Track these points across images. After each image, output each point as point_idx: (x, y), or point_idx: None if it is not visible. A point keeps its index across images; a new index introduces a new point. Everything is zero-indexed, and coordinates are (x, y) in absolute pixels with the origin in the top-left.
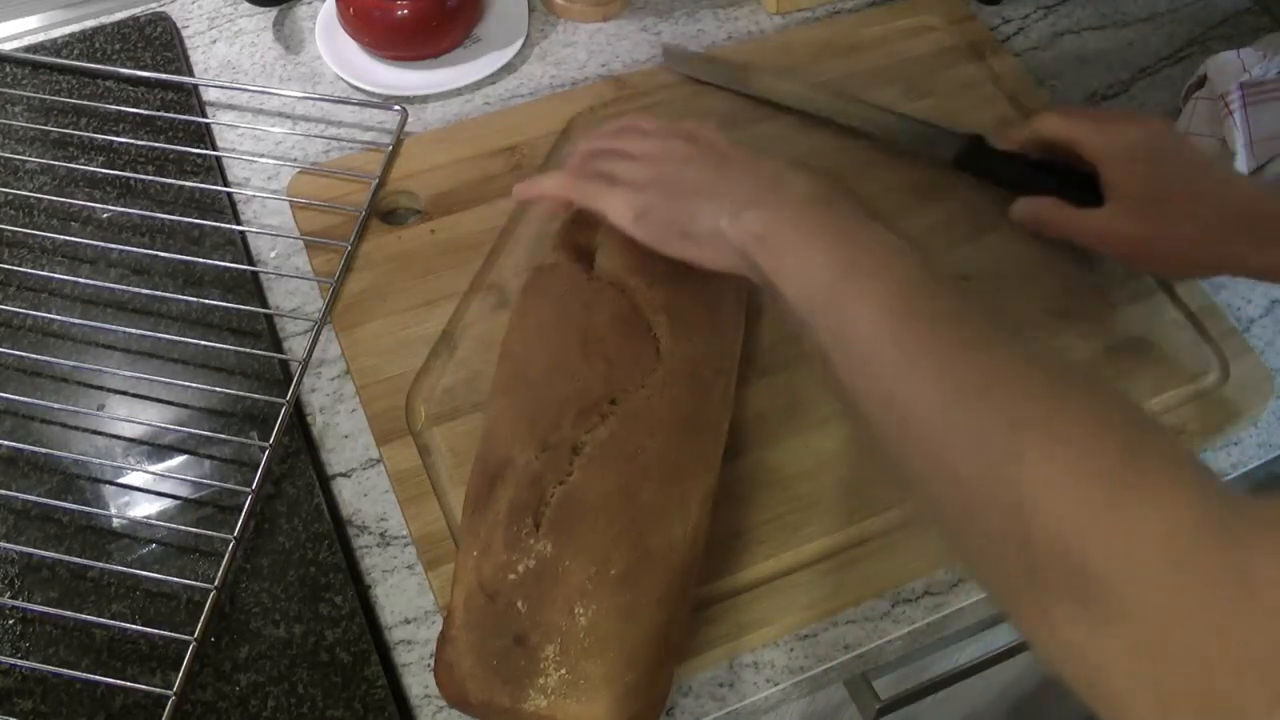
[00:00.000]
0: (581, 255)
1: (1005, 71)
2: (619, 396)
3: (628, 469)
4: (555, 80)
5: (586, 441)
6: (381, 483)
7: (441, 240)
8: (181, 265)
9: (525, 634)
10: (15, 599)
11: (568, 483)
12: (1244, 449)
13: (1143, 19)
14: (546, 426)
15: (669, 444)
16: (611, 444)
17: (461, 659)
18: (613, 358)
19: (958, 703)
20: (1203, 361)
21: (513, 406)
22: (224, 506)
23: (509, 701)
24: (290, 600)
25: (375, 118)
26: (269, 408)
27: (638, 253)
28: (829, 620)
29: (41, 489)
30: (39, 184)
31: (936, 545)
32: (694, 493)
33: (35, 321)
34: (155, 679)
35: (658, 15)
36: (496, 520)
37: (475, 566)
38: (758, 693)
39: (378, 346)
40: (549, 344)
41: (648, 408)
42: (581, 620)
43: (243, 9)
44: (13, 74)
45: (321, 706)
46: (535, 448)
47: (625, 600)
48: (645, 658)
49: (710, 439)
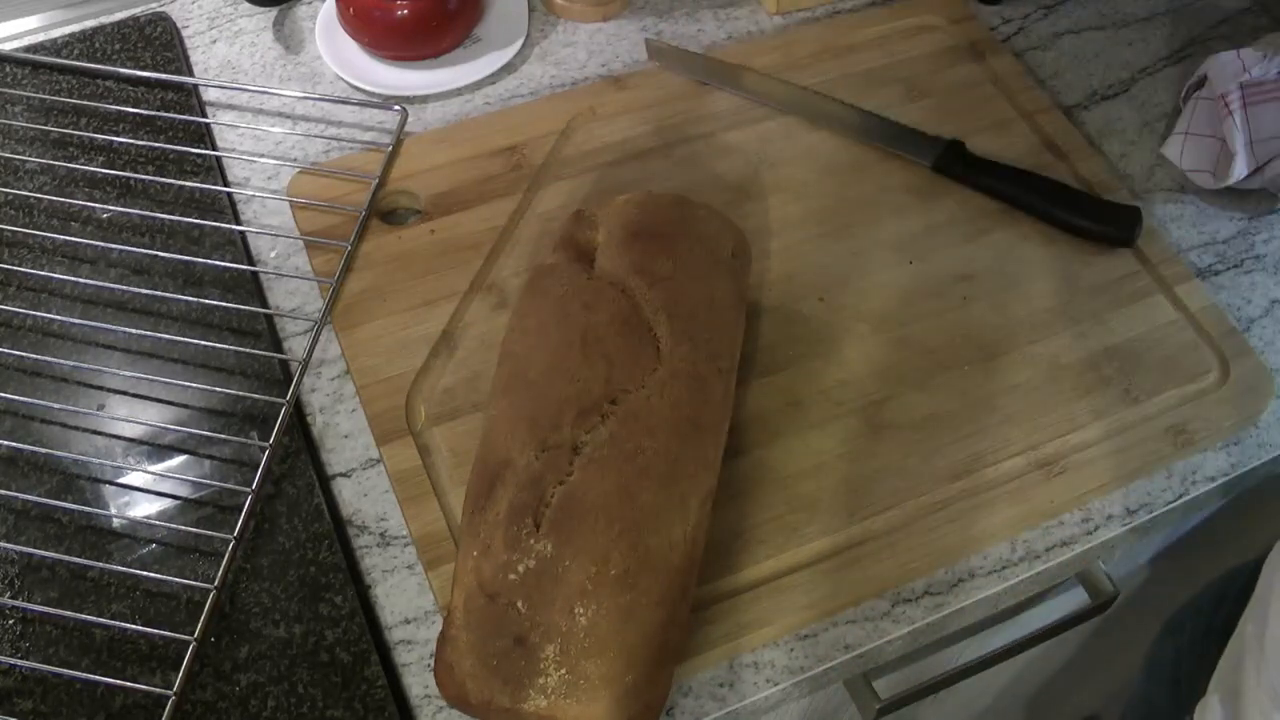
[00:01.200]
0: (582, 255)
1: (1005, 71)
2: (619, 397)
3: (628, 469)
4: (555, 80)
5: (587, 442)
6: (381, 483)
7: (441, 240)
8: (181, 265)
9: (525, 634)
10: (15, 599)
11: (568, 483)
12: (1244, 449)
13: (1143, 19)
14: (546, 427)
15: (669, 444)
16: (611, 444)
17: (462, 659)
18: (613, 358)
19: (958, 703)
20: (1203, 362)
21: (513, 407)
22: (224, 506)
23: (509, 702)
24: (290, 600)
25: (375, 118)
26: (269, 408)
27: (638, 253)
28: (829, 620)
29: (41, 489)
30: (39, 184)
31: (936, 545)
32: (694, 493)
33: (35, 321)
34: (155, 679)
35: (658, 15)
36: (496, 520)
37: (475, 567)
38: (758, 693)
39: (378, 346)
40: (549, 344)
41: (648, 408)
42: (581, 620)
43: (243, 9)
44: (13, 74)
45: (321, 706)
46: (535, 448)
47: (625, 600)
48: (645, 658)
49: (710, 439)
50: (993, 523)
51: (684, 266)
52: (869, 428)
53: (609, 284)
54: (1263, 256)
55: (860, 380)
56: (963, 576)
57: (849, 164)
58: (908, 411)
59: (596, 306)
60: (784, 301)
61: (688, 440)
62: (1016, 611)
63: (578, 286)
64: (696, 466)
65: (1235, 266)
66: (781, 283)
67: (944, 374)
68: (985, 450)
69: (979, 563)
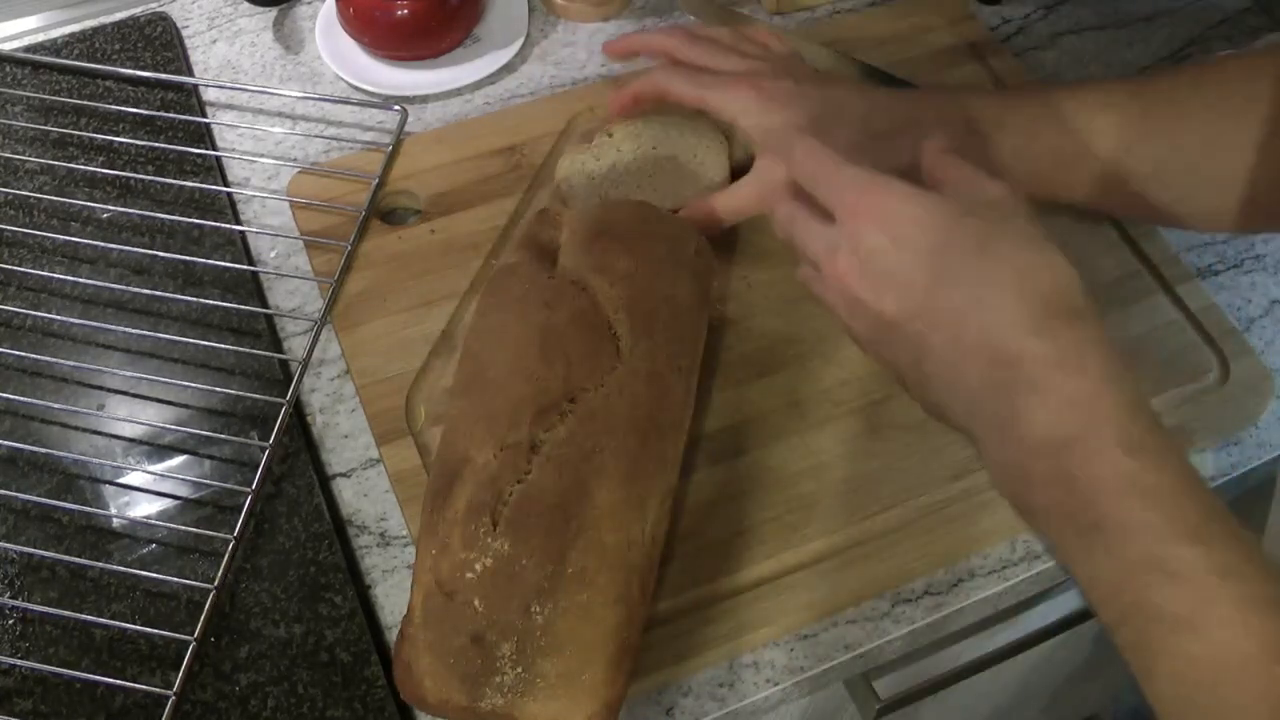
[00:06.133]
0: (544, 254)
1: (1005, 71)
2: (578, 395)
3: (586, 468)
4: (555, 80)
5: (545, 440)
6: (381, 483)
7: (441, 240)
8: (181, 265)
9: (482, 633)
10: (15, 599)
11: (526, 481)
12: (1244, 449)
13: (1143, 19)
14: (505, 425)
15: (627, 443)
16: (570, 443)
17: (419, 657)
18: (572, 357)
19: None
20: (1203, 361)
21: (472, 406)
22: (224, 506)
23: (466, 700)
24: (290, 600)
25: (375, 118)
26: (269, 408)
27: (600, 251)
28: (829, 620)
29: (41, 489)
30: (39, 184)
31: (936, 545)
32: (653, 492)
33: (35, 321)
34: (155, 679)
35: (658, 15)
36: (455, 519)
37: (433, 565)
38: (758, 693)
39: (378, 346)
40: (509, 343)
41: (606, 407)
42: (538, 619)
43: (243, 9)
44: (13, 74)
45: (321, 706)
46: (494, 447)
47: (582, 599)
48: (602, 657)
49: (670, 438)
50: (993, 523)
51: (645, 265)
52: (869, 428)
53: (570, 282)
54: (1263, 256)
55: (860, 380)
56: (963, 576)
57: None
58: (908, 411)
59: (557, 305)
60: (784, 301)
61: (647, 439)
62: (1016, 611)
63: (538, 285)
64: (656, 465)
65: (1235, 266)
66: (781, 282)
67: None
68: None
69: (979, 563)
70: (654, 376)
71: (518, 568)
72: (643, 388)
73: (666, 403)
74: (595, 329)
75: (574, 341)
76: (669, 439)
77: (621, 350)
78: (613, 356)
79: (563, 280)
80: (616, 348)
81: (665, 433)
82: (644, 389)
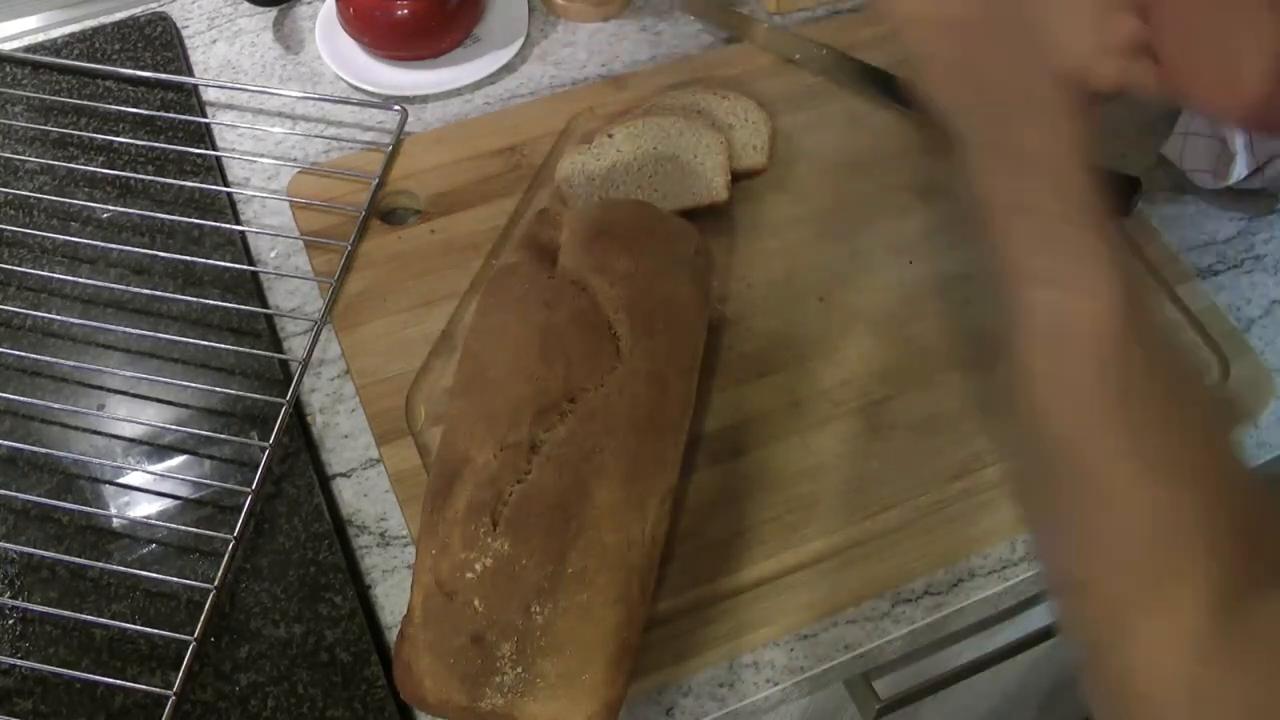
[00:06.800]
0: (544, 254)
1: None
2: (578, 395)
3: (586, 468)
4: (555, 80)
5: (545, 440)
6: (381, 483)
7: (441, 240)
8: (181, 265)
9: (482, 633)
10: (15, 599)
11: (526, 481)
12: (1244, 449)
13: None
14: (505, 425)
15: (627, 443)
16: (570, 443)
17: (419, 657)
18: (572, 357)
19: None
20: (1203, 362)
21: (472, 406)
22: (224, 506)
23: (466, 700)
24: (290, 600)
25: (375, 118)
26: (269, 408)
27: (600, 251)
28: (829, 620)
29: (41, 489)
30: (39, 184)
31: (936, 545)
32: (653, 492)
33: (35, 321)
34: (155, 679)
35: (658, 15)
36: (455, 519)
37: (433, 565)
38: (758, 693)
39: (378, 346)
40: (509, 343)
41: (606, 407)
42: (538, 619)
43: (243, 9)
44: (13, 74)
45: (321, 706)
46: (494, 447)
47: (582, 599)
48: (602, 657)
49: (670, 438)
50: (993, 523)
51: (645, 265)
52: (869, 428)
53: (570, 282)
54: (1263, 256)
55: (860, 380)
56: (963, 576)
57: (849, 163)
58: (908, 411)
59: (557, 305)
60: (784, 301)
61: (646, 439)
62: (1017, 611)
63: (538, 285)
64: (655, 465)
65: (1235, 266)
66: (782, 283)
67: (944, 374)
68: (985, 450)
69: (979, 563)
70: (654, 376)
71: (518, 568)
72: (643, 388)
73: (666, 403)
74: (595, 329)
75: (574, 341)
76: (669, 439)
77: (621, 350)
78: (613, 356)
79: (563, 280)
80: (616, 348)
81: (665, 433)
82: (644, 389)
